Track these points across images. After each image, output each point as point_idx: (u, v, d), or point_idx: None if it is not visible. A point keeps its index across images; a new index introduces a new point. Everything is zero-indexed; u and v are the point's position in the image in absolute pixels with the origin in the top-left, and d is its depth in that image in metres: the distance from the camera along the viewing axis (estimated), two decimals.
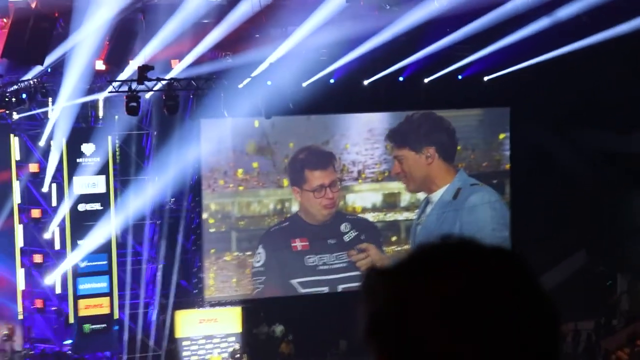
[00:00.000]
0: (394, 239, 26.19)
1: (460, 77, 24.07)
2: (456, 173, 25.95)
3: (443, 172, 25.86)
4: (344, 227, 25.38)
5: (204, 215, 24.14)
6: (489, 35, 21.30)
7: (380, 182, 25.92)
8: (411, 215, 26.05)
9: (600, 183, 26.24)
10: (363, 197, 25.95)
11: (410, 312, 1.44)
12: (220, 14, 19.23)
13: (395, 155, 25.61)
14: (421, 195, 25.96)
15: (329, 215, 25.38)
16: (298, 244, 25.23)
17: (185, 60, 20.35)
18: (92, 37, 18.43)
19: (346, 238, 25.47)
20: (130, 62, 19.67)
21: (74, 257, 22.15)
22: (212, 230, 24.52)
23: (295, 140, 24.89)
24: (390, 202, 26.20)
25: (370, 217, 26.06)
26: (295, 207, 25.12)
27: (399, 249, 26.05)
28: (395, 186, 25.86)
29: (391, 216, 26.25)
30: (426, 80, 24.08)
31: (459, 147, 25.86)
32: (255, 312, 24.12)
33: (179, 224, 23.59)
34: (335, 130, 25.43)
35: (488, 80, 24.21)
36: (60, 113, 21.04)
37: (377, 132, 25.54)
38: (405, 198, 26.15)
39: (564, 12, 19.49)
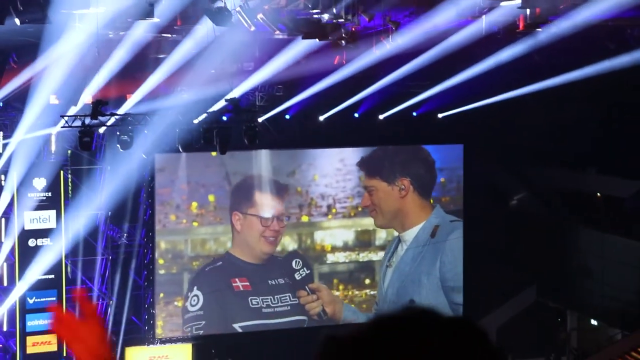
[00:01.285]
0: (367, 281, 24.36)
1: (415, 114, 24.18)
2: (432, 209, 24.19)
3: (417, 207, 24.03)
4: (295, 263, 23.48)
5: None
6: (444, 72, 21.57)
7: (352, 217, 23.85)
8: None
9: (551, 221, 26.50)
10: (333, 235, 23.96)
11: None
12: (175, 48, 19.17)
13: (366, 185, 23.66)
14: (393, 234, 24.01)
15: (267, 255, 23.29)
16: (239, 283, 23.23)
17: (137, 94, 20.21)
18: (46, 72, 18.24)
19: (297, 276, 23.52)
20: (84, 96, 19.49)
21: (22, 293, 21.72)
22: (161, 272, 22.97)
23: (257, 171, 23.10)
24: (364, 240, 24.14)
25: (342, 257, 24.11)
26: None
27: (373, 292, 24.42)
28: (370, 222, 23.95)
29: (365, 256, 24.21)
30: (381, 117, 24.13)
31: (443, 180, 24.29)
32: (206, 348, 23.80)
33: (131, 260, 23.27)
34: (302, 159, 23.49)
35: (442, 117, 24.35)
36: (12, 148, 20.74)
37: (350, 162, 23.63)
38: (381, 236, 24.18)
39: (516, 50, 19.76)
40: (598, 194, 26.55)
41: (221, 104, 20.49)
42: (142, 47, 18.49)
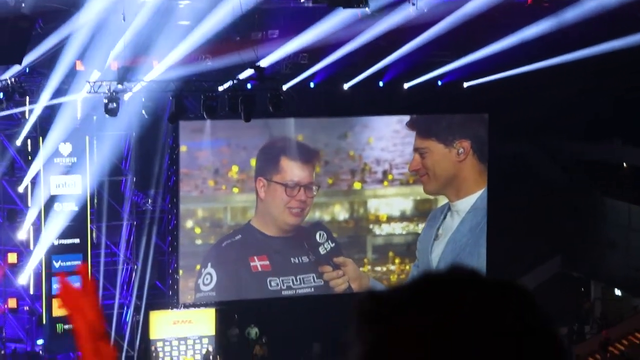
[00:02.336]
0: None
1: (440, 82, 23.99)
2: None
3: (475, 173, 22.26)
4: (319, 236, 21.95)
5: (189, 224, 22.03)
6: (470, 42, 21.37)
7: (411, 185, 21.98)
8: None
9: (575, 190, 26.37)
10: (389, 204, 22.06)
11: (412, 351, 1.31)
12: (201, 16, 19.13)
13: (417, 147, 21.76)
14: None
15: (293, 227, 21.64)
16: (258, 263, 21.61)
17: (164, 62, 20.20)
18: (72, 38, 18.30)
19: (322, 250, 21.97)
20: (110, 62, 19.52)
21: (48, 257, 21.94)
22: (198, 242, 21.70)
23: (306, 132, 21.47)
24: (424, 210, 22.25)
25: (399, 227, 22.25)
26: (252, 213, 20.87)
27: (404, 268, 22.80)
28: None
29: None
30: (406, 86, 23.94)
31: None
32: (229, 314, 23.96)
33: (155, 225, 23.33)
34: (356, 121, 21.70)
35: (467, 87, 24.15)
36: (38, 113, 20.84)
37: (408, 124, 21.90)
38: (442, 205, 22.23)
39: (545, 23, 19.56)
40: (624, 164, 26.37)
41: (247, 72, 20.42)
42: (167, 14, 18.48)
